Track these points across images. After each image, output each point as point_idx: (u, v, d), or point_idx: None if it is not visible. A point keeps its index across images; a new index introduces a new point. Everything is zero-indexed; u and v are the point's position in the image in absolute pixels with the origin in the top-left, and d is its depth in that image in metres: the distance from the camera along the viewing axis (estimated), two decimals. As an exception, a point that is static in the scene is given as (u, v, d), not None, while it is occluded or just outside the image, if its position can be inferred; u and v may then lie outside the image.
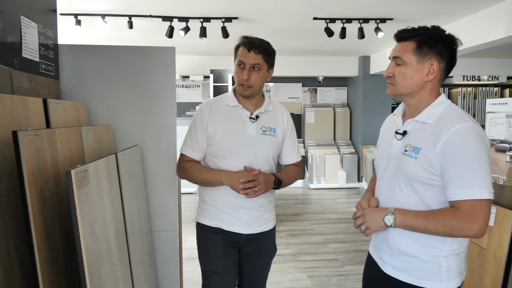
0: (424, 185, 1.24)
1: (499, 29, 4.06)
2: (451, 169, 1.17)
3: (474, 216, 1.13)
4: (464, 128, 1.17)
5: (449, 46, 1.27)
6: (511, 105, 2.42)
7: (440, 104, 1.28)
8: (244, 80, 1.63)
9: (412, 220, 1.21)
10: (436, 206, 1.23)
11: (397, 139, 1.34)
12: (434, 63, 1.26)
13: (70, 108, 1.64)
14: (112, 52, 1.97)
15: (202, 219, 1.77)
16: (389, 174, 1.35)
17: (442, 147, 1.18)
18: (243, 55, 1.64)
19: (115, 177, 1.45)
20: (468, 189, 1.14)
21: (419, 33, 1.29)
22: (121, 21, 4.51)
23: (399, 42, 1.33)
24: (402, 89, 1.30)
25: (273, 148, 1.75)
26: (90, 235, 1.10)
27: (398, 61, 1.30)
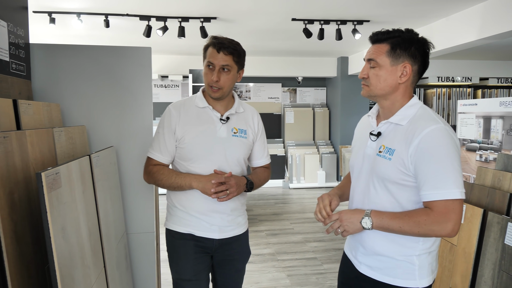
0: (398, 185, 1.26)
1: (471, 31, 4.18)
2: (424, 170, 1.20)
3: (447, 215, 1.16)
4: (436, 130, 1.20)
5: (421, 49, 1.30)
6: (481, 106, 2.50)
7: (413, 106, 1.31)
8: (213, 82, 1.58)
9: (388, 222, 1.23)
10: (410, 206, 1.26)
11: (372, 140, 1.36)
12: (407, 65, 1.29)
13: (42, 109, 1.60)
14: (86, 52, 1.94)
15: (171, 225, 1.69)
16: (364, 175, 1.37)
17: (415, 148, 1.21)
18: (212, 56, 1.59)
19: (88, 179, 1.43)
20: (441, 190, 1.17)
21: (393, 35, 1.31)
22: (97, 20, 4.43)
23: (374, 44, 1.35)
24: (376, 90, 1.32)
25: (244, 150, 1.71)
26: (62, 239, 1.09)
27: (373, 63, 1.32)
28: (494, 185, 2.03)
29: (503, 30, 3.73)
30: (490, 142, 2.43)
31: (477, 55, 7.17)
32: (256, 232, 4.74)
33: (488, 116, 2.45)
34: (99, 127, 1.96)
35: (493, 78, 8.08)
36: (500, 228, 1.70)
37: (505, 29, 3.71)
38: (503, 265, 1.66)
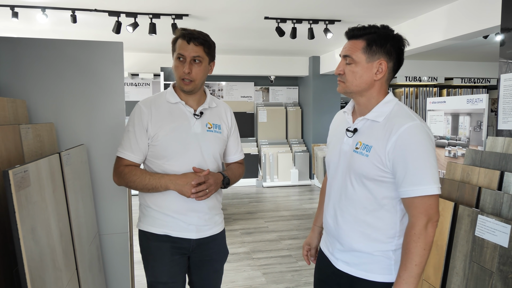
0: (375, 181, 1.27)
1: (437, 32, 4.33)
2: (402, 167, 1.20)
3: (426, 212, 1.19)
4: (412, 127, 1.21)
5: (397, 46, 1.30)
6: (449, 103, 2.59)
7: (388, 102, 1.31)
8: (185, 74, 1.53)
9: (412, 278, 1.19)
10: (387, 202, 1.27)
11: (348, 137, 1.35)
12: (382, 62, 1.29)
13: (7, 105, 1.52)
14: (54, 46, 1.85)
15: (146, 226, 1.62)
16: (340, 171, 1.37)
17: (393, 145, 1.21)
18: (182, 47, 1.54)
19: (59, 178, 1.37)
20: (420, 186, 1.18)
21: (369, 31, 1.29)
22: (64, 15, 4.27)
23: (350, 40, 1.33)
24: (352, 87, 1.32)
25: (220, 145, 1.67)
26: (32, 240, 1.03)
27: (348, 59, 1.31)
28: (464, 179, 2.10)
29: (467, 31, 3.88)
30: (458, 139, 2.52)
31: (442, 56, 7.44)
32: (231, 231, 4.71)
33: (456, 113, 2.54)
34: (68, 124, 1.88)
35: (457, 78, 8.41)
36: (471, 220, 1.76)
37: (469, 30, 3.86)
38: (473, 256, 1.72)
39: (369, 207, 1.29)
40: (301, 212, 5.55)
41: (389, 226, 1.28)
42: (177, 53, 1.55)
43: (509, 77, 2.21)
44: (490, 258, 1.62)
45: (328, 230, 1.44)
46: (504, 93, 2.23)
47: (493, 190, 1.81)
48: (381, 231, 1.28)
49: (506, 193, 1.73)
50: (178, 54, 1.55)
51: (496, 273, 1.59)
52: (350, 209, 1.33)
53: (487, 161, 2.08)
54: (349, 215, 1.33)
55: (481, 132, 2.27)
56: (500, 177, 1.89)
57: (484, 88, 8.70)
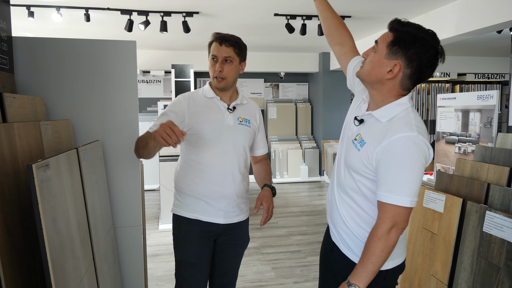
0: (360, 175, 1.30)
1: (449, 28, 4.29)
2: (384, 173, 1.22)
3: (392, 219, 1.21)
4: (406, 137, 1.19)
5: (423, 56, 1.22)
6: (459, 99, 2.59)
7: (399, 105, 1.28)
8: (217, 72, 1.72)
9: (365, 273, 1.23)
10: (370, 195, 1.31)
11: (355, 125, 1.37)
12: (398, 64, 1.23)
13: (27, 102, 1.58)
14: (70, 46, 1.91)
15: (179, 210, 1.80)
16: (342, 156, 1.41)
17: (382, 149, 1.22)
18: (216, 49, 1.73)
19: (76, 172, 1.43)
20: (394, 195, 1.20)
21: (405, 29, 1.23)
22: (78, 14, 4.35)
23: (388, 30, 1.29)
24: (364, 75, 1.31)
25: (249, 138, 1.84)
26: (53, 230, 1.09)
27: (375, 47, 1.29)
28: (473, 176, 2.11)
29: (479, 27, 3.85)
30: (468, 135, 2.52)
31: (455, 51, 7.36)
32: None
33: (466, 110, 2.54)
34: (84, 121, 1.94)
35: (470, 73, 8.31)
36: (479, 216, 1.77)
37: (481, 26, 3.83)
38: (481, 252, 1.73)
39: (354, 195, 1.35)
40: (310, 209, 5.58)
41: (369, 216, 1.33)
42: (211, 54, 1.75)
43: (520, 73, 2.21)
44: (498, 253, 1.64)
45: (327, 206, 1.53)
46: (515, 89, 2.22)
47: (502, 186, 1.82)
48: (364, 219, 1.34)
49: (515, 189, 1.74)
50: (212, 55, 1.76)
51: (503, 269, 1.61)
52: (340, 191, 1.40)
53: (496, 158, 2.09)
54: (339, 196, 1.40)
55: (492, 128, 2.27)
56: (510, 174, 1.89)
57: (498, 83, 8.58)
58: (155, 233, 4.47)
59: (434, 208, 2.04)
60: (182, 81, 5.74)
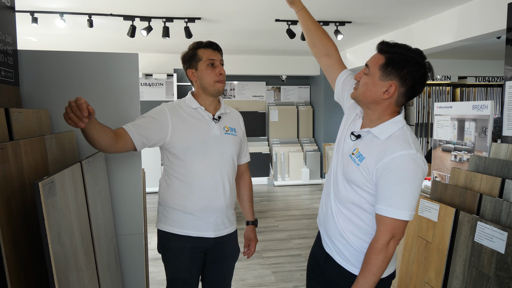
0: (360, 188, 1.36)
1: (448, 34, 4.33)
2: (385, 188, 1.29)
3: (391, 231, 1.28)
4: (406, 155, 1.27)
5: (415, 75, 1.30)
6: (456, 108, 2.63)
7: (396, 123, 1.35)
8: (222, 76, 1.71)
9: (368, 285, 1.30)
10: (367, 206, 1.37)
11: (351, 140, 1.43)
12: (393, 85, 1.30)
13: (32, 116, 1.64)
14: (74, 58, 1.97)
15: (167, 227, 1.76)
16: (337, 168, 1.47)
17: (383, 166, 1.29)
18: (212, 54, 1.72)
19: (80, 185, 1.48)
20: (394, 209, 1.27)
21: (395, 51, 1.31)
22: (81, 19, 4.42)
23: (377, 52, 1.36)
24: (360, 96, 1.37)
25: (236, 147, 1.82)
26: (58, 244, 1.14)
27: (367, 70, 1.35)
28: (467, 186, 2.15)
29: (478, 33, 3.89)
30: (464, 143, 2.57)
31: (455, 55, 7.39)
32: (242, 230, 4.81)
33: (462, 119, 2.58)
34: (87, 131, 1.99)
35: (471, 77, 8.33)
36: (470, 226, 1.82)
37: (479, 32, 3.86)
38: (472, 261, 1.78)
39: (354, 207, 1.39)
40: (311, 212, 5.63)
41: (369, 227, 1.39)
42: (207, 60, 1.71)
43: (514, 84, 2.25)
44: (488, 263, 1.68)
45: (319, 215, 1.58)
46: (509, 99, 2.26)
47: (493, 197, 1.86)
48: (363, 230, 1.39)
49: (506, 201, 1.78)
50: (209, 60, 1.71)
51: (493, 278, 1.65)
52: (338, 204, 1.44)
53: (490, 168, 2.13)
54: (337, 208, 1.44)
55: (486, 138, 2.32)
56: (502, 184, 1.94)
57: (499, 87, 8.59)
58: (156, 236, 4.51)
59: (429, 217, 2.08)
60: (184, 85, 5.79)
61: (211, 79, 1.71)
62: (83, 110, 1.25)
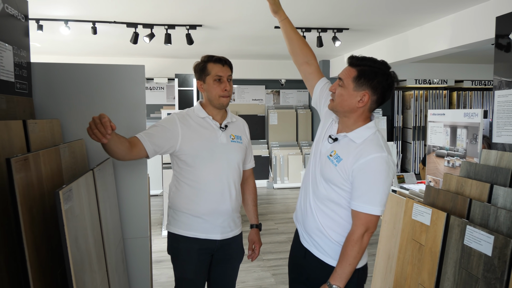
0: (337, 186, 1.52)
1: (442, 41, 4.44)
2: (360, 186, 1.45)
3: (365, 225, 1.44)
4: (379, 157, 1.44)
5: (384, 84, 1.47)
6: (448, 116, 2.73)
7: (369, 128, 1.52)
8: (227, 92, 1.82)
9: (345, 274, 1.45)
10: (344, 203, 1.52)
11: (328, 142, 1.59)
12: (366, 94, 1.47)
13: (46, 126, 1.74)
14: (83, 70, 2.07)
15: (176, 229, 1.86)
16: (314, 168, 1.62)
17: (359, 166, 1.45)
18: (220, 70, 1.82)
19: (92, 191, 1.58)
20: (368, 205, 1.43)
21: (364, 63, 1.48)
22: (85, 26, 4.51)
23: (348, 65, 1.54)
24: (337, 107, 1.53)
25: (241, 154, 1.93)
26: (76, 248, 1.24)
27: (341, 82, 1.52)
28: (458, 191, 2.25)
29: (471, 41, 3.99)
30: (456, 149, 2.67)
31: (452, 59, 7.49)
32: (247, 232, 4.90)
33: (454, 126, 2.68)
34: (96, 139, 2.09)
35: (467, 80, 8.44)
36: (460, 230, 1.91)
37: (473, 40, 3.97)
38: (462, 263, 1.88)
39: (331, 204, 1.54)
40: (310, 214, 5.71)
41: (346, 222, 1.53)
42: (215, 75, 1.81)
43: (503, 93, 2.35)
44: (477, 265, 1.78)
45: (297, 212, 1.72)
46: (498, 108, 2.37)
47: (482, 202, 1.96)
48: (339, 225, 1.53)
49: (493, 206, 1.88)
50: (216, 76, 1.81)
51: (481, 279, 1.75)
52: (317, 201, 1.58)
53: (480, 174, 2.23)
54: (316, 205, 1.58)
55: (477, 144, 2.42)
56: (490, 190, 2.04)
57: (495, 90, 8.71)
58: (158, 239, 4.61)
59: (422, 220, 2.18)
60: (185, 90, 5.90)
61: (216, 93, 1.82)
62: (107, 128, 1.36)
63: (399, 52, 5.31)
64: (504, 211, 1.82)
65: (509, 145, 2.37)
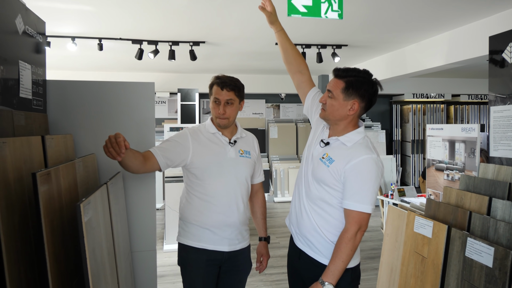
0: (329, 187, 1.61)
1: (439, 57, 4.55)
2: (351, 186, 1.55)
3: (359, 223, 1.53)
4: (368, 158, 1.55)
5: (370, 91, 1.60)
6: (446, 130, 2.81)
7: (359, 133, 1.64)
8: (220, 115, 1.89)
9: (337, 271, 1.52)
10: (336, 202, 1.61)
11: (320, 146, 1.68)
12: (356, 102, 1.60)
13: (61, 141, 1.80)
14: (95, 87, 2.14)
15: (186, 240, 1.92)
16: (307, 171, 1.71)
17: (350, 167, 1.55)
18: (218, 93, 1.89)
19: (106, 205, 1.63)
20: (359, 204, 1.53)
21: (350, 74, 1.60)
22: (91, 43, 4.62)
23: (334, 78, 1.65)
24: (330, 116, 1.65)
25: (250, 168, 1.99)
26: (93, 259, 1.29)
27: (330, 94, 1.64)
28: (458, 203, 2.31)
29: (467, 57, 4.10)
30: (455, 163, 2.74)
31: (449, 73, 7.63)
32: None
33: (452, 140, 2.76)
34: (106, 154, 2.15)
35: (464, 94, 8.58)
36: (461, 242, 1.97)
37: (469, 56, 4.08)
38: (464, 275, 1.93)
39: (323, 204, 1.62)
40: (311, 227, 5.73)
41: (338, 221, 1.61)
42: (213, 97, 1.91)
43: (498, 109, 2.44)
44: (478, 277, 1.83)
45: (291, 215, 1.81)
46: (494, 123, 2.45)
47: (481, 214, 2.02)
48: (332, 224, 1.62)
49: (493, 218, 1.95)
50: (214, 98, 1.91)
51: (482, 290, 1.80)
52: (310, 202, 1.66)
53: (479, 187, 2.30)
54: (309, 206, 1.66)
55: (475, 158, 2.49)
56: (489, 203, 2.10)
57: (492, 104, 8.83)
58: (160, 254, 4.61)
59: (424, 233, 2.24)
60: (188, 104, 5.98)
61: (214, 114, 1.93)
62: (121, 147, 1.45)
63: (396, 67, 5.43)
64: (503, 223, 1.88)
65: (506, 159, 2.44)
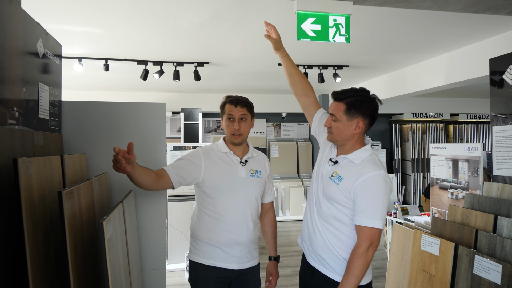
0: (340, 204, 1.65)
1: (438, 77, 4.66)
2: (361, 202, 1.58)
3: (370, 239, 1.55)
4: (377, 175, 1.59)
5: (371, 107, 1.66)
6: (449, 149, 2.87)
7: (366, 151, 1.69)
8: (236, 131, 1.94)
9: (350, 286, 1.54)
10: (346, 220, 1.64)
11: (329, 165, 1.73)
12: (360, 121, 1.66)
13: (76, 160, 1.85)
14: (109, 108, 2.20)
15: (196, 257, 1.95)
16: (317, 189, 1.76)
17: (359, 184, 1.59)
18: (231, 110, 1.96)
19: (122, 222, 1.67)
20: (370, 219, 1.56)
21: (349, 95, 1.67)
22: (97, 63, 4.71)
23: (334, 101, 1.72)
24: (337, 138, 1.70)
25: (260, 188, 2.02)
26: (114, 276, 1.32)
27: (333, 117, 1.70)
28: (463, 221, 2.35)
29: (466, 78, 4.21)
30: (459, 182, 2.78)
31: (448, 93, 7.76)
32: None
33: (456, 159, 2.81)
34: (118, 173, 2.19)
35: (463, 114, 8.70)
36: (469, 260, 2.00)
37: (468, 77, 4.19)
38: (472, 291, 1.95)
39: (334, 221, 1.66)
40: (313, 246, 5.72)
41: (350, 239, 1.64)
42: (227, 114, 1.97)
43: (500, 129, 2.51)
44: (486, 293, 1.85)
45: (303, 233, 1.84)
46: (496, 143, 2.51)
47: (488, 232, 2.06)
48: (344, 242, 1.65)
49: (499, 236, 1.98)
50: (228, 115, 1.96)
51: (491, 307, 1.82)
52: (322, 220, 1.70)
53: (483, 205, 2.34)
54: (321, 224, 1.70)
55: (478, 177, 2.54)
56: (495, 221, 2.14)
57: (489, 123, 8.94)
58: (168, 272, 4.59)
59: (431, 251, 2.26)
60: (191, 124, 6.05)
61: (228, 132, 1.98)
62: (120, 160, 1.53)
63: (396, 87, 5.53)
64: (510, 241, 1.91)
65: (509, 177, 2.49)
